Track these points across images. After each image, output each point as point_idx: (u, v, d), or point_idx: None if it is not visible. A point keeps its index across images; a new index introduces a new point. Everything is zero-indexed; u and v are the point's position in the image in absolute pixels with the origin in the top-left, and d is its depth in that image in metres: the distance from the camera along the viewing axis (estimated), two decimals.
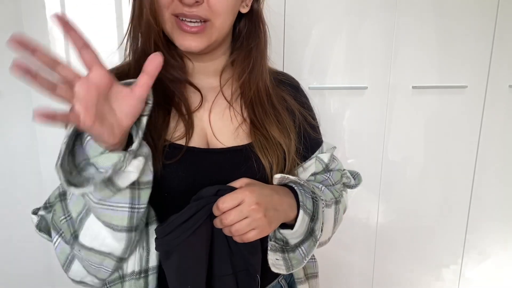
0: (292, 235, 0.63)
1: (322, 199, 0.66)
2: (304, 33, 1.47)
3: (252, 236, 0.57)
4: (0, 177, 1.44)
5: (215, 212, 0.57)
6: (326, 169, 0.76)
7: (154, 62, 0.50)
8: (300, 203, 0.63)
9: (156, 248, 0.59)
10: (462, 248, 1.78)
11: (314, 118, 0.79)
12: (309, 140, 0.75)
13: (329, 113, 1.55)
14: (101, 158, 0.49)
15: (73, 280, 0.60)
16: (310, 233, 0.65)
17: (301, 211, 0.62)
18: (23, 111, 1.41)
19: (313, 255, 0.79)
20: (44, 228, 0.62)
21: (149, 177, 0.55)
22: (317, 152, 0.76)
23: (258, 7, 0.70)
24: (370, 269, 1.75)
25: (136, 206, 0.53)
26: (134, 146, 0.51)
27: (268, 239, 0.64)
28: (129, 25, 0.67)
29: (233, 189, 0.58)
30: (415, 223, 1.72)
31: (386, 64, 1.52)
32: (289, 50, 1.46)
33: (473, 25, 1.53)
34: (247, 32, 0.70)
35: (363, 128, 1.58)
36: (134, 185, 0.53)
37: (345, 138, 1.58)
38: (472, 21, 1.52)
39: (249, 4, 0.68)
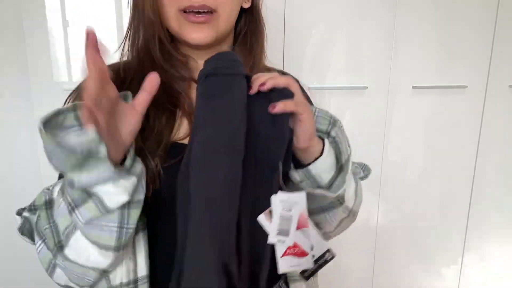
0: (324, 165, 0.59)
1: (339, 123, 0.66)
2: (304, 33, 1.47)
3: (305, 113, 0.54)
4: (0, 177, 1.44)
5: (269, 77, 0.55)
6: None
7: (152, 81, 0.51)
8: (323, 136, 0.62)
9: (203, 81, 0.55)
10: (462, 248, 1.78)
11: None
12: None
13: None
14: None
15: (58, 284, 0.59)
16: (340, 169, 0.63)
17: (326, 140, 0.61)
18: (23, 111, 1.41)
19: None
20: (27, 231, 0.62)
21: (140, 196, 0.53)
22: None
23: (257, 3, 0.71)
24: (370, 269, 1.75)
25: (125, 226, 0.52)
26: (128, 163, 0.50)
27: (299, 181, 0.60)
28: (128, 27, 0.67)
29: None
30: (415, 223, 1.72)
31: (386, 64, 1.52)
32: (289, 50, 1.46)
33: (473, 25, 1.53)
34: (249, 28, 0.71)
35: (363, 128, 1.58)
36: (124, 205, 0.51)
37: None
38: (472, 21, 1.52)
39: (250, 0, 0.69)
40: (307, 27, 1.46)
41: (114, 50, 0.73)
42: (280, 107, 0.53)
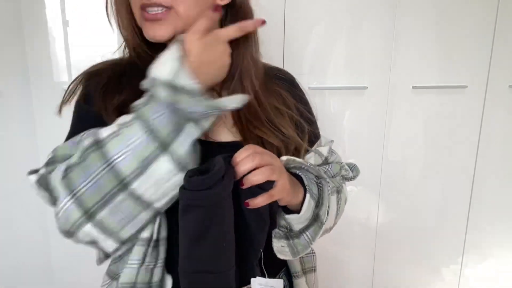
0: (298, 220, 0.62)
1: (328, 182, 0.66)
2: (304, 33, 1.47)
3: (278, 189, 0.56)
4: (0, 177, 1.44)
5: (243, 153, 0.55)
6: (325, 162, 0.76)
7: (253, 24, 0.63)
8: (307, 187, 0.62)
9: (184, 198, 0.53)
10: (462, 248, 1.78)
11: (311, 113, 0.79)
12: (307, 135, 0.75)
13: (329, 113, 1.55)
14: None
15: (79, 241, 0.55)
16: (314, 219, 0.64)
17: (307, 195, 0.61)
18: (23, 111, 1.41)
19: (312, 249, 0.79)
20: (44, 185, 0.57)
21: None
22: (315, 145, 0.76)
23: None
24: (370, 269, 1.75)
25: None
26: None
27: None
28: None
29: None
30: (415, 223, 1.72)
31: (386, 64, 1.52)
32: (289, 50, 1.46)
33: (473, 25, 1.53)
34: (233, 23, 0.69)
35: (363, 128, 1.58)
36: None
37: (345, 138, 1.58)
38: (472, 21, 1.52)
39: None
40: (307, 27, 1.46)
41: (114, 51, 0.73)
42: (254, 204, 0.55)
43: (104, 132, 0.54)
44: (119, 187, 0.51)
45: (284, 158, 0.62)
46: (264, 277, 0.60)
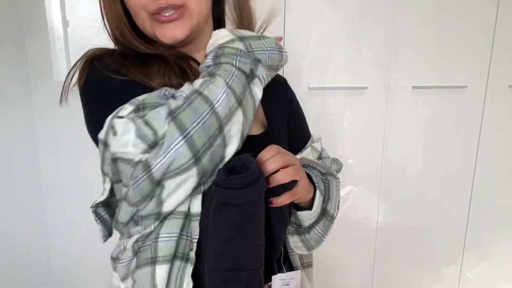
0: (309, 216, 0.65)
1: (337, 178, 0.68)
2: (304, 33, 1.47)
3: (299, 189, 0.58)
4: (0, 177, 1.43)
5: (268, 153, 0.56)
6: (320, 157, 0.79)
7: None
8: (316, 185, 0.65)
9: (219, 196, 0.52)
10: (462, 248, 1.78)
11: (302, 111, 0.82)
12: (302, 131, 0.79)
13: (329, 113, 1.55)
14: None
15: (171, 206, 0.54)
16: (322, 213, 0.67)
17: (317, 192, 0.65)
18: (23, 111, 1.41)
19: None
20: (142, 129, 0.53)
21: None
22: (309, 141, 0.79)
23: None
24: (370, 269, 1.75)
25: None
26: None
27: None
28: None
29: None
30: (415, 223, 1.72)
31: (386, 64, 1.52)
32: (289, 50, 1.46)
33: (473, 25, 1.53)
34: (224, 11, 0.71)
35: (363, 128, 1.58)
36: None
37: (345, 138, 1.58)
38: (472, 21, 1.53)
39: None
40: (307, 27, 1.46)
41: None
42: (277, 203, 0.57)
43: (196, 83, 0.55)
44: (219, 129, 0.52)
45: (298, 156, 0.64)
46: (283, 272, 0.64)
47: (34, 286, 1.54)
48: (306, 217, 0.66)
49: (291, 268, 0.77)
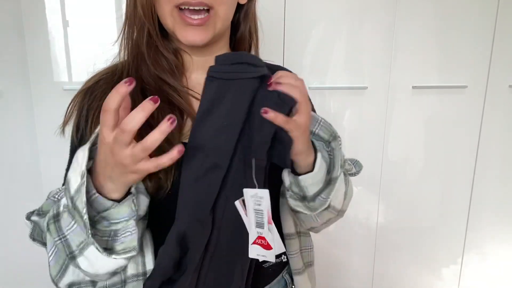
0: (313, 180, 0.60)
1: (339, 141, 0.64)
2: (304, 33, 1.47)
3: (301, 99, 0.54)
4: (0, 177, 1.44)
5: (280, 73, 0.54)
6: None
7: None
8: (317, 147, 0.61)
9: (210, 71, 0.55)
10: (462, 248, 1.78)
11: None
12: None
13: (329, 113, 1.55)
14: (113, 212, 0.53)
15: (65, 286, 0.60)
16: (328, 183, 0.62)
17: (319, 154, 0.60)
18: (23, 111, 1.41)
19: (311, 245, 0.79)
20: (37, 235, 0.62)
21: (144, 211, 0.57)
22: None
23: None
24: (370, 269, 1.75)
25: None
26: (133, 189, 0.54)
27: (286, 189, 0.63)
28: (124, 23, 0.67)
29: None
30: (415, 223, 1.72)
31: (386, 64, 1.52)
32: (289, 50, 1.46)
33: (473, 25, 1.53)
34: (244, 23, 0.72)
35: (363, 128, 1.58)
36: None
37: (345, 138, 1.58)
38: (472, 21, 1.53)
39: None
40: (307, 27, 1.46)
41: (112, 43, 0.72)
42: (270, 116, 0.51)
43: (61, 206, 0.57)
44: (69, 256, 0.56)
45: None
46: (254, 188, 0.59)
47: (34, 286, 1.54)
48: (309, 181, 0.60)
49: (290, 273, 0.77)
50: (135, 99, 0.63)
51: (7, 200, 1.45)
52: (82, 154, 0.51)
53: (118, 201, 0.53)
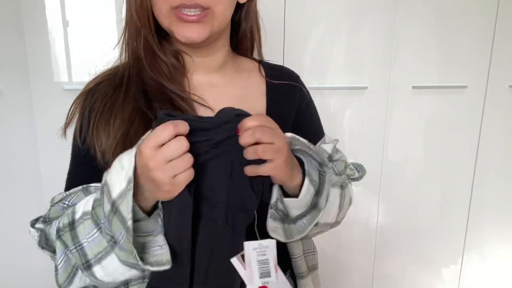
0: (297, 204, 0.60)
1: (330, 169, 0.63)
2: (304, 33, 1.47)
3: (267, 171, 0.53)
4: (0, 177, 1.44)
5: (251, 122, 0.52)
6: (330, 160, 0.75)
7: None
8: (306, 171, 0.60)
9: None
10: (462, 248, 1.78)
11: (314, 110, 0.79)
12: (311, 132, 0.75)
13: (329, 113, 1.55)
14: (142, 224, 0.54)
15: None
16: (313, 207, 0.61)
17: (306, 179, 0.59)
18: (23, 111, 1.41)
19: (314, 247, 0.78)
20: (44, 243, 0.62)
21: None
22: (319, 143, 0.76)
23: None
24: (370, 269, 1.75)
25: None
26: (159, 204, 0.54)
27: (269, 207, 0.61)
28: (124, 26, 0.67)
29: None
30: (415, 223, 1.72)
31: (386, 64, 1.52)
32: (289, 50, 1.46)
33: (473, 25, 1.53)
34: (246, 22, 0.72)
35: (363, 128, 1.58)
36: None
37: (345, 138, 1.58)
38: (472, 21, 1.52)
39: None
40: (307, 27, 1.46)
41: (109, 52, 0.73)
42: (251, 171, 0.54)
43: (77, 213, 0.57)
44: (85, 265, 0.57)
45: (288, 135, 0.59)
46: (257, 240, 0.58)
47: (34, 286, 1.54)
48: (292, 205, 0.60)
49: (293, 276, 0.77)
50: (138, 100, 0.63)
51: (7, 200, 1.45)
52: (128, 158, 0.51)
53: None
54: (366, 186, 1.64)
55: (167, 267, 0.52)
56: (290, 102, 0.74)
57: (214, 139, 0.52)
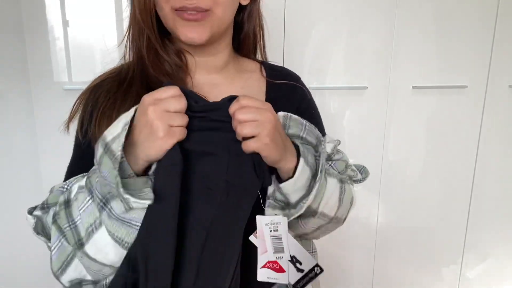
0: (293, 187, 0.59)
1: (323, 148, 0.63)
2: (304, 33, 1.47)
3: (252, 147, 0.54)
4: (0, 177, 1.44)
5: (234, 106, 0.54)
6: (329, 159, 0.74)
7: None
8: (301, 152, 0.59)
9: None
10: (462, 248, 1.78)
11: (315, 110, 0.80)
12: None
13: (329, 113, 1.55)
14: (130, 182, 0.53)
15: (67, 282, 0.60)
16: (311, 190, 0.60)
17: (301, 159, 0.58)
18: (23, 111, 1.41)
19: (314, 247, 0.77)
20: (41, 230, 0.62)
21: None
22: None
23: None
24: (370, 269, 1.75)
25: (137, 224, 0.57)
26: (151, 172, 0.55)
27: (267, 197, 0.61)
28: (128, 25, 0.68)
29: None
30: (415, 223, 1.72)
31: (386, 64, 1.52)
32: (289, 50, 1.46)
33: (473, 25, 1.53)
34: (249, 24, 0.73)
35: (363, 128, 1.58)
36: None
37: (345, 138, 1.58)
38: (472, 21, 1.52)
39: None
40: (307, 27, 1.46)
41: (113, 47, 0.73)
42: (243, 148, 0.55)
43: (73, 191, 0.58)
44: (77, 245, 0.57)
45: (281, 114, 0.60)
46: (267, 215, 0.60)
47: (34, 286, 1.54)
48: (290, 188, 0.59)
49: None
50: (141, 96, 0.64)
51: (7, 200, 1.45)
52: (126, 114, 0.53)
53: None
54: (366, 186, 1.63)
55: (149, 202, 0.52)
56: (290, 102, 0.75)
57: (209, 118, 0.55)
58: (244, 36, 0.75)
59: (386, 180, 1.64)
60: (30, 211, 0.62)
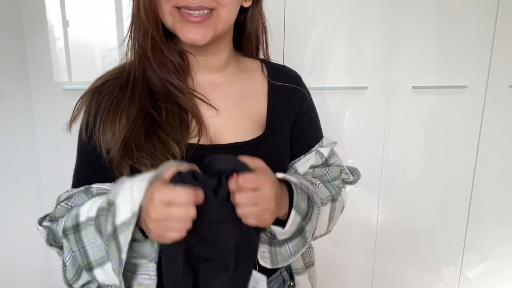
0: (283, 233, 0.60)
1: (318, 206, 0.64)
2: (304, 33, 1.47)
3: (251, 223, 0.54)
4: (0, 177, 1.44)
5: (232, 185, 0.53)
6: (326, 163, 0.76)
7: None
8: (294, 203, 0.59)
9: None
10: (462, 248, 1.78)
11: (314, 112, 0.79)
12: (309, 135, 0.76)
13: (329, 113, 1.55)
14: (138, 245, 0.55)
15: (79, 286, 0.61)
16: (299, 232, 0.62)
17: (293, 212, 0.59)
18: (23, 111, 1.41)
19: (310, 244, 0.78)
20: (52, 240, 0.63)
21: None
22: (317, 145, 0.76)
23: (259, 1, 0.72)
24: (370, 269, 1.75)
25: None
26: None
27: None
28: (130, 25, 0.67)
29: (248, 168, 0.55)
30: (415, 223, 1.72)
31: (386, 64, 1.52)
32: (289, 50, 1.46)
33: (473, 25, 1.53)
34: (251, 26, 0.73)
35: (363, 128, 1.58)
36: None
37: (345, 138, 1.58)
38: (472, 21, 1.52)
39: None
40: (307, 27, 1.46)
41: (113, 47, 0.73)
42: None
43: (81, 216, 0.58)
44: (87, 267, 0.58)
45: (280, 175, 0.59)
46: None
47: (34, 286, 1.55)
48: (278, 233, 0.60)
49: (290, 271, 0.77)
50: (143, 99, 0.64)
51: (7, 200, 1.45)
52: (138, 189, 0.52)
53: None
54: (366, 186, 1.64)
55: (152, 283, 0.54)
56: (291, 103, 0.75)
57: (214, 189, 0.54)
58: (246, 38, 0.74)
59: (386, 180, 1.64)
60: (40, 222, 0.63)
